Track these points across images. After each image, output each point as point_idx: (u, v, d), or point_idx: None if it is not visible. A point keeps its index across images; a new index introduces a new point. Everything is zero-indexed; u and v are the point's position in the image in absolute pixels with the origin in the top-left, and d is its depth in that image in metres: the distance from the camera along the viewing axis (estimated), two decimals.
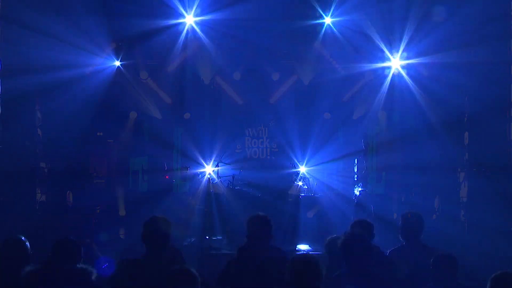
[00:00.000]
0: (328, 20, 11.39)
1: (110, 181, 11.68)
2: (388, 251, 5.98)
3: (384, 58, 11.64)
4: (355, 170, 11.94)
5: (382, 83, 11.79)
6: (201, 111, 12.27)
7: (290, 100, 12.28)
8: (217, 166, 11.81)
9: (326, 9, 11.26)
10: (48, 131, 11.24)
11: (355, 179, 11.71)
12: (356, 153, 11.92)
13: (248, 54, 11.80)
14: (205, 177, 11.65)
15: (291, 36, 11.49)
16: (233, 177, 11.46)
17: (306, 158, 12.03)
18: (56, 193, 11.15)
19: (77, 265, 4.98)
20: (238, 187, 11.36)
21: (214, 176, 11.68)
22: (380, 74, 11.84)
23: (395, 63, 11.60)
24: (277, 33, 11.37)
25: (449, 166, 11.41)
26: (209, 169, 11.82)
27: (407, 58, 11.47)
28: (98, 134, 11.76)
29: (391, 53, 11.51)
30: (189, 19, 11.31)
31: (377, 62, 11.72)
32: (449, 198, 11.38)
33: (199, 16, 11.27)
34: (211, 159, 11.94)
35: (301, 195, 11.39)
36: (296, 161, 12.00)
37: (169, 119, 12.11)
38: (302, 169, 11.94)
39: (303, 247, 10.36)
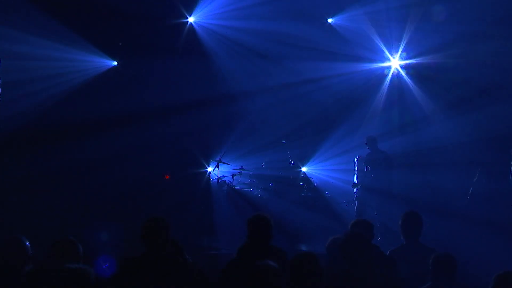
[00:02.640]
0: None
1: None
2: (388, 251, 5.98)
3: (384, 58, 11.67)
4: (355, 170, 11.91)
5: (381, 82, 11.82)
6: None
7: None
8: (217, 166, 11.78)
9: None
10: None
11: (355, 179, 11.69)
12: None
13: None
14: (205, 176, 11.64)
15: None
16: (233, 177, 11.44)
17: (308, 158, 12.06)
18: None
19: (77, 265, 4.97)
20: (238, 187, 11.36)
21: (215, 176, 11.68)
22: (380, 74, 11.86)
23: (395, 63, 11.63)
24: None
25: None
26: (209, 169, 11.81)
27: (407, 58, 11.49)
28: None
29: (391, 53, 11.53)
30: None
31: (377, 62, 11.75)
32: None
33: None
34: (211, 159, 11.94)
35: (301, 195, 11.39)
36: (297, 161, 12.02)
37: None
38: (303, 169, 11.95)
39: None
